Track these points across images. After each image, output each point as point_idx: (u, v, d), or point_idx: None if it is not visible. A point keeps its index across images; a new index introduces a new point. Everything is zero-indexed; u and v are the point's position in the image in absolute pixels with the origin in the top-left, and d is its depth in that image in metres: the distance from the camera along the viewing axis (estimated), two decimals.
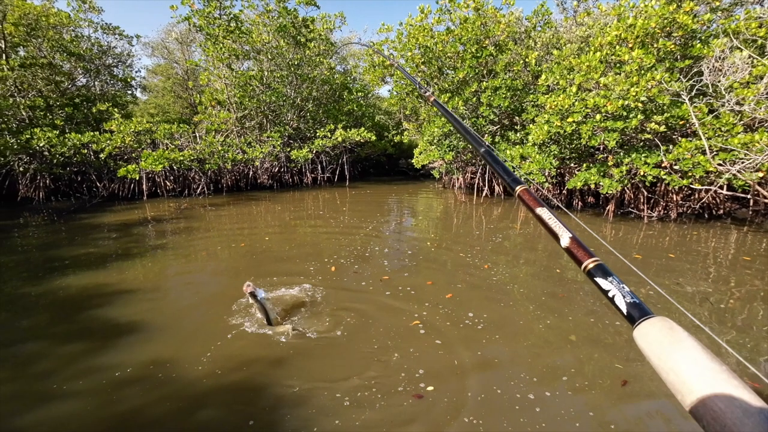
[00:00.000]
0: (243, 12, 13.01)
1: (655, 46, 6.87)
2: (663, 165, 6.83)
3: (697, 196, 7.78)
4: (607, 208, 8.28)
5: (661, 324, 0.57)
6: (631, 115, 6.72)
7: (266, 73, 13.79)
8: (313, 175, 15.26)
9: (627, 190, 8.37)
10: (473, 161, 12.12)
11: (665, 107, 6.60)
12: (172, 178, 12.48)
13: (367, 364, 2.91)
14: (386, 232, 7.24)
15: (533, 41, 9.63)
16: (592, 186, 7.78)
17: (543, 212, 0.82)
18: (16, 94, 11.38)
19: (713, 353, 0.52)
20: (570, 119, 7.18)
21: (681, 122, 6.66)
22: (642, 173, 6.91)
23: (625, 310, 0.62)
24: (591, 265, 0.70)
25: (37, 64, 11.90)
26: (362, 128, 14.08)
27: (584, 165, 7.95)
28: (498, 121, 10.16)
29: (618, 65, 7.11)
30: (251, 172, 13.83)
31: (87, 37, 13.32)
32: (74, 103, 12.91)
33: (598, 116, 6.91)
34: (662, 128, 6.57)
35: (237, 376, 2.80)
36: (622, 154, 7.25)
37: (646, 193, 7.97)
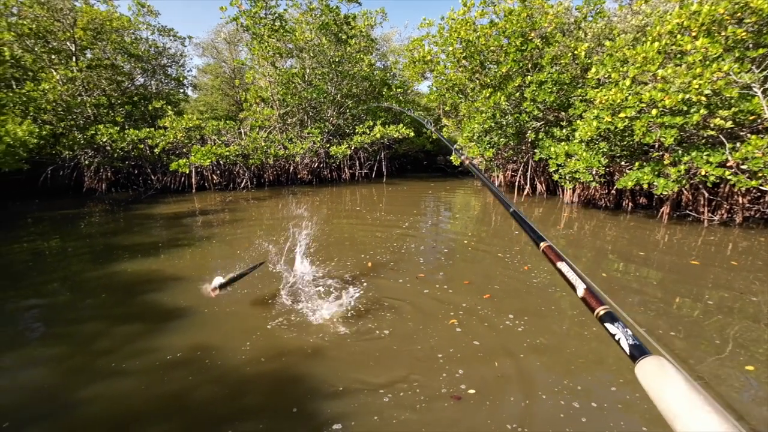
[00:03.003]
0: (287, 11, 13.36)
1: (723, 34, 6.28)
2: (728, 164, 6.26)
3: (767, 198, 7.08)
4: (662, 209, 7.73)
5: (655, 362, 0.65)
6: (692, 110, 6.20)
7: (308, 71, 14.08)
8: (351, 171, 15.44)
9: (685, 191, 7.77)
10: (514, 158, 11.73)
11: (733, 101, 6.04)
12: (218, 172, 13.10)
13: (407, 361, 2.91)
14: (422, 230, 7.19)
15: (583, 32, 9.12)
16: (645, 186, 7.29)
17: (563, 266, 0.92)
18: (83, 94, 12.38)
19: (700, 388, 0.59)
20: (622, 114, 6.75)
21: (751, 117, 6.06)
22: (703, 173, 6.37)
23: (627, 351, 0.71)
24: (602, 312, 0.79)
25: (101, 65, 12.88)
26: (400, 124, 14.04)
27: (636, 163, 7.45)
28: (542, 117, 9.76)
29: (679, 56, 6.58)
30: (292, 168, 14.22)
31: (145, 39, 14.22)
32: (133, 101, 13.86)
33: (654, 111, 6.44)
34: (728, 124, 6.02)
35: (278, 365, 2.89)
36: (680, 152, 6.73)
37: (707, 195, 7.35)
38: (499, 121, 9.96)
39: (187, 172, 11.64)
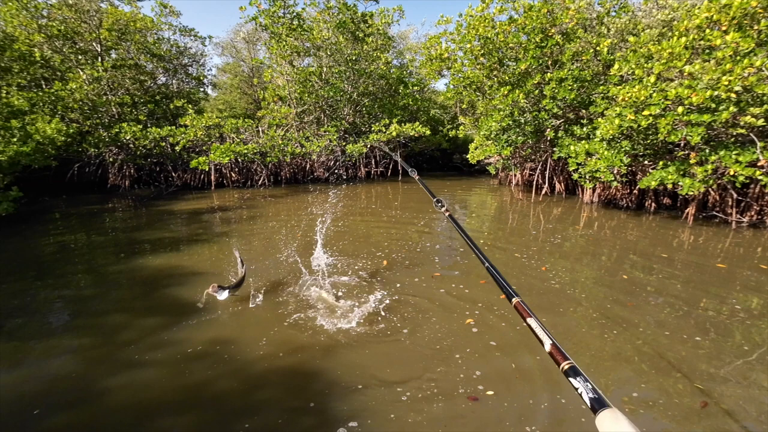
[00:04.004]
0: (305, 10, 13.45)
1: (756, 27, 6.03)
2: (759, 164, 6.01)
3: None
4: (686, 210, 7.49)
5: (611, 414, 0.72)
6: (720, 108, 5.98)
7: (325, 69, 14.16)
8: (366, 169, 15.47)
9: (711, 192, 7.50)
10: (532, 157, 11.54)
11: (765, 98, 5.79)
12: (236, 169, 13.31)
13: (423, 361, 2.90)
14: (438, 228, 7.15)
15: (606, 28, 8.89)
16: (669, 186, 7.07)
17: (532, 321, 0.98)
18: (108, 93, 12.76)
19: None
20: (646, 112, 6.55)
21: None
22: (732, 173, 6.13)
23: (588, 403, 0.76)
24: (566, 367, 0.84)
25: (125, 65, 13.25)
26: (417, 123, 13.99)
27: (660, 163, 7.23)
28: (562, 114, 9.56)
29: (707, 51, 6.35)
30: (308, 166, 14.34)
31: (167, 40, 14.54)
32: (155, 99, 14.21)
33: (680, 109, 6.23)
34: (760, 122, 5.78)
35: (295, 360, 2.92)
36: (707, 150, 6.49)
37: (735, 196, 7.08)
38: (517, 119, 9.81)
39: (207, 169, 11.88)
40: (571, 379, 0.81)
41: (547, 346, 0.91)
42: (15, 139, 8.21)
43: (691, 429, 2.25)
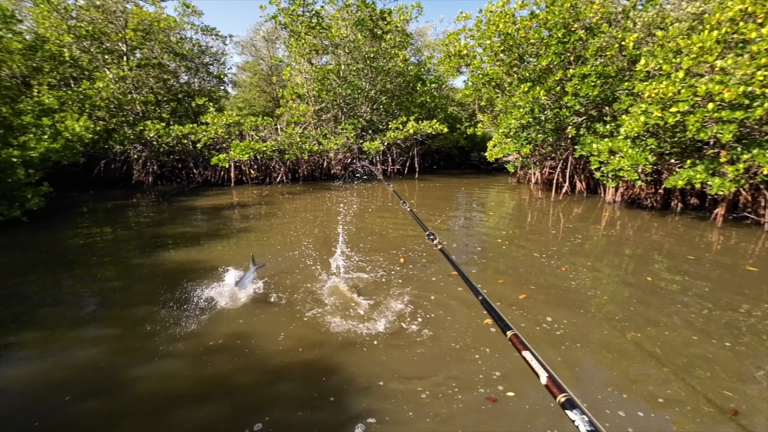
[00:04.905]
0: (324, 8, 13.51)
1: None
2: None
3: None
4: (715, 211, 7.21)
5: None
6: (754, 104, 5.72)
7: (343, 67, 14.20)
8: (383, 167, 15.46)
9: (743, 192, 7.21)
10: (552, 155, 11.32)
11: None
12: (255, 167, 13.50)
13: (442, 360, 2.88)
14: (455, 227, 7.09)
15: (632, 22, 8.61)
16: (697, 186, 6.82)
17: (527, 354, 1.00)
18: (133, 91, 13.12)
19: None
20: (674, 109, 6.33)
21: None
22: (765, 172, 5.88)
23: None
24: (562, 399, 0.85)
25: (150, 64, 13.58)
26: (434, 120, 13.89)
27: (688, 161, 6.98)
28: (584, 111, 9.33)
29: (741, 45, 6.08)
30: (325, 163, 14.43)
31: (189, 39, 14.84)
32: (177, 98, 14.53)
33: (710, 105, 6.00)
34: None
35: (314, 355, 2.95)
36: (739, 149, 6.23)
37: None
38: (537, 117, 9.62)
39: (227, 166, 12.10)
40: (567, 412, 0.82)
41: (543, 379, 0.91)
42: (46, 137, 8.53)
43: None
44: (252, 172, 13.45)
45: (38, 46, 10.44)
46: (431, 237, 2.01)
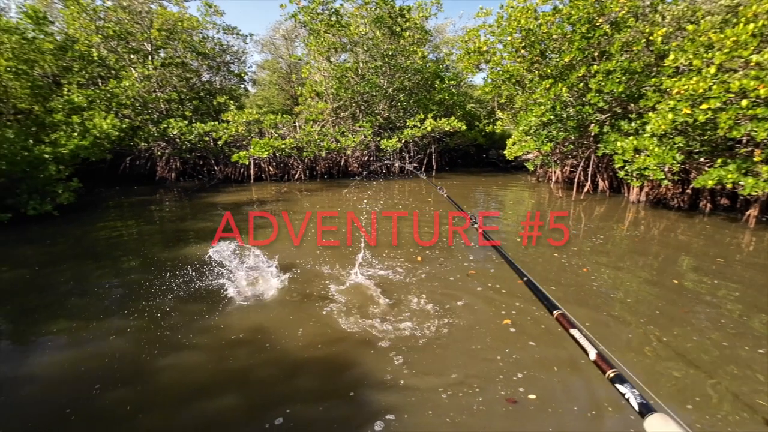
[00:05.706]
0: (343, 6, 13.53)
1: None
2: None
3: None
4: (748, 212, 6.91)
5: (660, 419, 0.74)
6: None
7: (361, 65, 14.21)
8: (400, 165, 15.42)
9: None
10: (574, 153, 11.06)
11: None
12: (274, 164, 13.67)
13: (462, 360, 2.86)
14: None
15: (660, 16, 8.31)
16: (729, 186, 6.55)
17: (575, 333, 1.01)
18: (157, 90, 13.46)
19: None
20: (704, 106, 6.09)
21: None
22: None
23: (636, 408, 0.79)
24: (612, 374, 0.87)
25: (173, 63, 13.90)
26: (452, 117, 13.76)
27: (719, 160, 6.71)
28: (608, 109, 9.07)
29: None
30: (343, 161, 14.49)
31: (211, 38, 15.12)
32: (199, 96, 14.84)
33: (744, 102, 5.74)
34: None
35: (333, 351, 2.97)
36: None
37: None
38: (559, 114, 9.42)
39: (247, 163, 12.29)
40: (617, 386, 0.83)
41: (592, 356, 0.91)
42: (75, 134, 8.84)
43: None
44: (271, 169, 13.62)
45: (68, 47, 10.82)
46: (474, 221, 2.26)
